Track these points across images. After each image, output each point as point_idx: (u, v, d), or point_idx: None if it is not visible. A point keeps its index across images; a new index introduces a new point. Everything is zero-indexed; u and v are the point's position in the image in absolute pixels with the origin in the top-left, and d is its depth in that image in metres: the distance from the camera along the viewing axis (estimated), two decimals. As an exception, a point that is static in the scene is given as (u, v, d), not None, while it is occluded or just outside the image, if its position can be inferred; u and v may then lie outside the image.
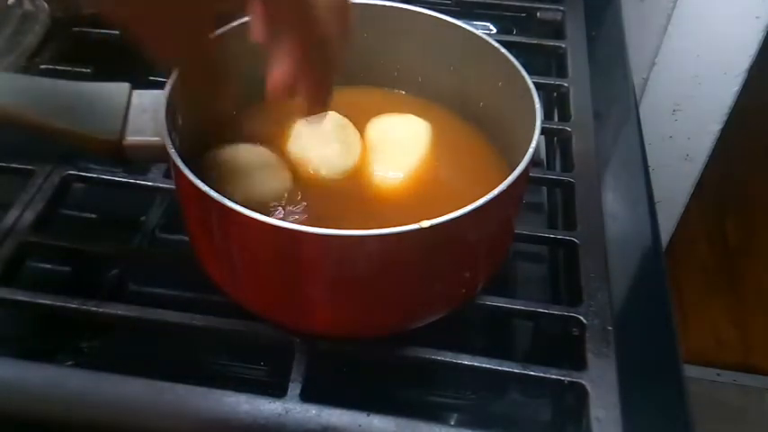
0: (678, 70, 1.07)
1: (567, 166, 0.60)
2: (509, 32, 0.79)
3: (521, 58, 0.49)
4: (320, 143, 0.50)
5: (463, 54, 0.53)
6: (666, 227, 1.26)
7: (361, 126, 0.53)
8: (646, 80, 1.09)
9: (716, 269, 1.76)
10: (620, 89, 0.73)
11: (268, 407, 0.43)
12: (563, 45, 0.72)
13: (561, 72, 0.69)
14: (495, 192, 0.40)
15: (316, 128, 0.50)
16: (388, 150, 0.52)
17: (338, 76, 0.55)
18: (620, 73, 0.75)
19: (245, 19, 0.51)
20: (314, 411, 0.43)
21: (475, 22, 0.76)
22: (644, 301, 0.54)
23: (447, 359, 0.46)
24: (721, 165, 1.24)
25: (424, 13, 0.53)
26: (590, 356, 0.46)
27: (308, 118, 0.45)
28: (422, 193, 0.49)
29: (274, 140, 0.52)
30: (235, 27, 0.50)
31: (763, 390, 1.57)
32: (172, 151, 0.41)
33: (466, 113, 0.55)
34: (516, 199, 0.47)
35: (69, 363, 0.49)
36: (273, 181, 0.48)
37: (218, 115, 0.52)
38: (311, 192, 0.49)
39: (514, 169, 0.41)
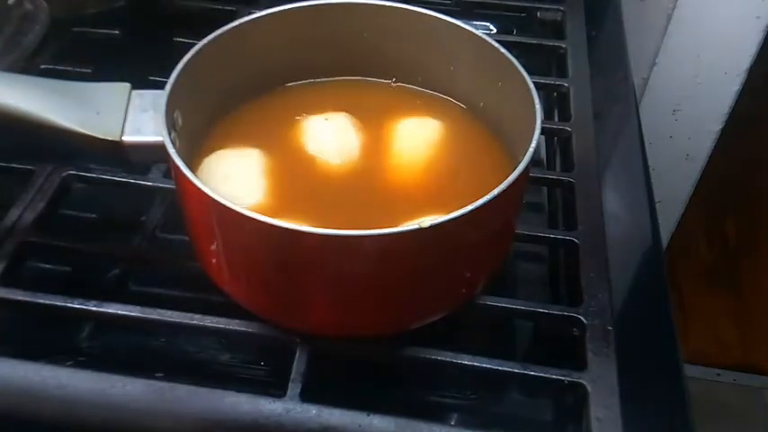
0: (678, 70, 1.07)
1: (568, 166, 0.60)
2: (509, 32, 0.79)
3: (521, 58, 0.49)
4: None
5: (463, 54, 0.52)
6: (666, 227, 1.26)
7: (365, 121, 0.53)
8: (646, 80, 1.09)
9: (716, 269, 1.76)
10: (620, 89, 0.73)
11: (268, 407, 0.43)
12: (563, 45, 0.72)
13: (561, 72, 0.69)
14: (495, 192, 0.40)
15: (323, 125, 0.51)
16: (393, 150, 0.52)
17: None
18: (620, 73, 0.75)
19: (245, 19, 0.51)
20: (314, 411, 0.43)
21: (475, 22, 0.76)
22: (644, 301, 0.54)
23: (447, 359, 0.46)
24: (721, 165, 1.24)
25: (424, 13, 0.53)
26: (590, 356, 0.46)
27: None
28: (425, 192, 0.49)
29: (275, 139, 0.52)
30: (235, 26, 0.50)
31: (763, 389, 1.57)
32: (172, 151, 0.41)
33: (467, 112, 0.55)
34: (516, 199, 0.47)
35: (69, 363, 0.49)
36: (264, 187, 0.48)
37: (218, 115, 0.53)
38: (314, 190, 0.49)
39: (515, 169, 0.41)
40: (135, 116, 0.46)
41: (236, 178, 0.48)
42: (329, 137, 0.51)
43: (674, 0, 1.01)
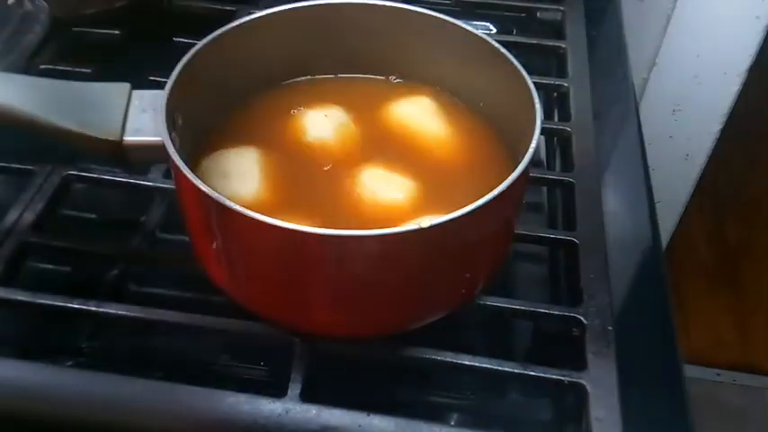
0: (678, 70, 1.07)
1: (567, 166, 0.60)
2: (509, 32, 0.79)
3: (521, 58, 0.49)
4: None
5: (463, 54, 0.52)
6: (666, 227, 1.26)
7: (365, 119, 0.53)
8: (646, 80, 1.09)
9: (716, 269, 1.76)
10: (620, 89, 0.73)
11: (268, 407, 0.43)
12: (563, 45, 0.72)
13: (561, 72, 0.69)
14: (495, 192, 0.40)
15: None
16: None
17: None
18: (620, 73, 0.75)
19: (245, 18, 0.51)
20: (314, 411, 0.43)
21: (475, 22, 0.76)
22: (644, 302, 0.54)
23: (447, 359, 0.46)
24: (721, 165, 1.24)
25: (424, 13, 0.53)
26: (590, 357, 0.46)
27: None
28: (425, 192, 0.49)
29: (275, 137, 0.52)
30: (235, 26, 0.50)
31: (763, 390, 1.57)
32: (172, 151, 0.41)
33: (467, 112, 0.55)
34: (516, 199, 0.47)
35: (69, 363, 0.49)
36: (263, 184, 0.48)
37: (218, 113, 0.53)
38: (314, 189, 0.49)
39: (515, 169, 0.41)
40: (135, 116, 0.46)
41: (236, 177, 0.48)
42: (329, 135, 0.51)
43: (673, 0, 1.01)
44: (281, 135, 0.52)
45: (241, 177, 0.48)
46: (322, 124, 0.52)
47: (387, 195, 0.48)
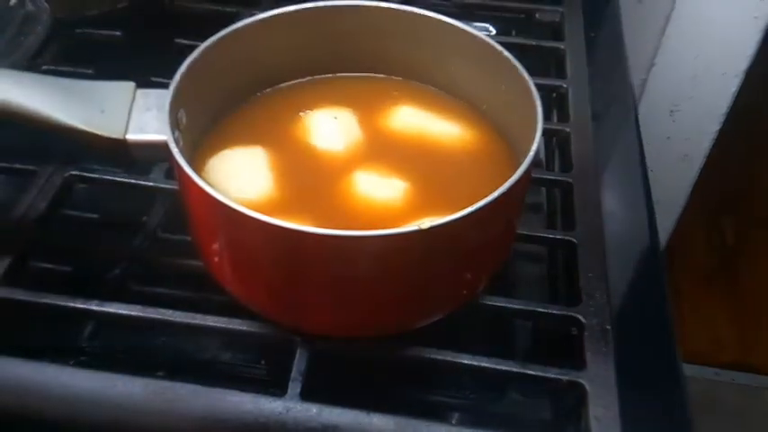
0: (676, 71, 1.07)
1: (566, 167, 0.60)
2: (508, 34, 0.79)
3: (520, 60, 0.49)
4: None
5: (465, 56, 0.53)
6: (665, 227, 1.26)
7: (367, 119, 0.53)
8: (644, 81, 1.10)
9: (714, 269, 1.76)
10: (618, 90, 0.73)
11: (268, 406, 0.43)
12: (562, 46, 0.72)
13: (560, 73, 0.70)
14: (496, 194, 0.40)
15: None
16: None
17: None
18: (618, 74, 0.75)
19: (248, 20, 0.51)
20: (314, 410, 0.43)
21: (475, 24, 0.76)
22: (643, 301, 0.55)
23: (447, 359, 0.46)
24: (720, 165, 1.24)
25: (425, 15, 0.53)
26: (589, 356, 0.46)
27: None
28: (426, 192, 0.49)
29: (278, 137, 0.52)
30: (239, 28, 0.51)
31: (762, 389, 1.58)
32: (175, 150, 0.42)
33: (468, 113, 0.55)
34: (517, 201, 0.47)
35: (71, 362, 0.49)
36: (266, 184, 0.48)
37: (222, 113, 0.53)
38: (317, 189, 0.49)
39: (516, 170, 0.41)
40: (139, 115, 0.46)
41: (238, 177, 0.48)
42: (332, 135, 0.52)
43: (672, 1, 1.02)
44: (286, 135, 0.52)
45: (244, 177, 0.48)
46: (331, 126, 0.52)
47: (389, 196, 0.48)
